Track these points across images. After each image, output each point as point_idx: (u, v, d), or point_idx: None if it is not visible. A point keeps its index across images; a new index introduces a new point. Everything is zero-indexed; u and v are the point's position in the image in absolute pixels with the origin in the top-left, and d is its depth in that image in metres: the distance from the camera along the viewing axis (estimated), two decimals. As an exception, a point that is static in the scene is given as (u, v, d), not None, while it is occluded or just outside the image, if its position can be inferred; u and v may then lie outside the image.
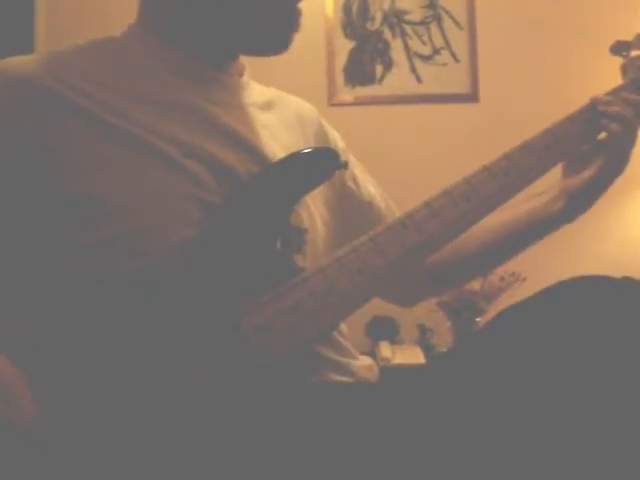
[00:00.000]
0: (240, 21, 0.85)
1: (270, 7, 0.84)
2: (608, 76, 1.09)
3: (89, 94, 0.79)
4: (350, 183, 1.01)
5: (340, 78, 2.51)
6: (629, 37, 1.04)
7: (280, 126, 0.91)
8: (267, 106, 0.93)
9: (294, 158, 0.82)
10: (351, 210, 0.99)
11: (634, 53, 1.04)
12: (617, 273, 0.73)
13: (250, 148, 0.84)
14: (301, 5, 0.87)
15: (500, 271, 2.06)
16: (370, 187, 1.04)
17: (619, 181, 1.01)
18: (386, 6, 2.53)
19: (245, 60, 0.94)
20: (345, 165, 0.82)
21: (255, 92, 0.93)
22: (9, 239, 0.78)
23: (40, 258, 0.77)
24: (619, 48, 1.04)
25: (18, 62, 0.81)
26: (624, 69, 1.04)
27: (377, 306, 0.98)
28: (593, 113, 0.96)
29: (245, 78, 0.93)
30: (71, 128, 0.77)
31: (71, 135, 0.77)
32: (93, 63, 0.83)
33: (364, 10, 2.53)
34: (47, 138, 0.76)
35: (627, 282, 0.72)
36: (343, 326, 0.89)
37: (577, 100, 0.99)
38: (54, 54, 0.82)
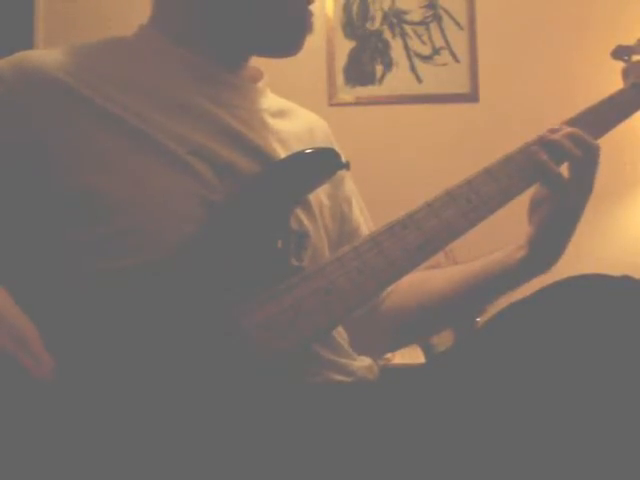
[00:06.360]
0: (253, 22, 0.86)
1: (283, 9, 0.85)
2: (609, 76, 1.09)
3: (100, 90, 0.79)
4: (345, 205, 1.01)
5: (340, 78, 2.51)
6: (628, 35, 1.04)
7: (289, 134, 0.91)
8: (279, 114, 0.94)
9: (296, 157, 0.82)
10: (343, 232, 0.99)
11: (635, 58, 1.04)
12: (617, 273, 0.73)
13: (255, 150, 0.84)
14: (312, 7, 0.88)
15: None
16: (359, 214, 1.03)
17: (619, 182, 1.00)
18: (386, 6, 2.53)
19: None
20: (347, 166, 0.82)
21: (269, 100, 0.94)
22: (9, 234, 0.78)
23: (40, 254, 0.77)
24: (620, 52, 1.04)
25: (35, 54, 0.81)
26: (625, 74, 1.03)
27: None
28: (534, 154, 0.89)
29: (261, 85, 0.93)
30: (79, 122, 0.77)
31: (78, 129, 0.77)
32: (105, 61, 0.83)
33: (364, 10, 2.53)
34: (54, 130, 0.76)
35: (627, 281, 0.72)
36: (341, 327, 0.89)
37: (577, 100, 0.99)
38: (69, 49, 0.83)
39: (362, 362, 0.88)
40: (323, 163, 0.83)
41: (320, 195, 0.90)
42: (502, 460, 0.65)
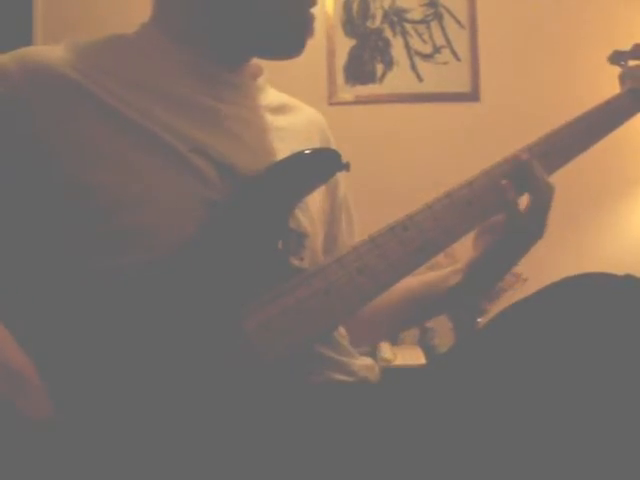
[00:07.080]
0: (254, 25, 0.85)
1: (284, 12, 0.85)
2: (609, 75, 1.08)
3: (105, 86, 0.79)
4: (336, 211, 1.00)
5: (340, 77, 2.51)
6: (628, 33, 1.04)
7: (290, 131, 0.92)
8: (279, 111, 0.93)
9: (296, 158, 0.82)
10: (328, 235, 0.98)
11: (632, 63, 1.03)
12: (619, 272, 0.73)
13: (256, 148, 0.84)
14: (314, 10, 0.87)
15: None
16: (345, 225, 1.02)
17: (619, 181, 0.99)
18: (386, 4, 2.53)
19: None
20: (347, 167, 0.82)
21: (269, 96, 0.94)
22: (11, 231, 0.77)
23: (40, 251, 0.77)
24: (617, 58, 1.04)
25: (38, 50, 0.81)
26: (622, 79, 1.03)
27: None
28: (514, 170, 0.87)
29: (261, 81, 0.93)
30: (84, 119, 0.77)
31: (82, 125, 0.77)
32: (108, 58, 0.83)
33: (364, 8, 2.52)
34: (57, 128, 0.76)
35: (629, 280, 0.71)
36: (342, 327, 0.88)
37: (578, 98, 0.99)
38: (73, 46, 0.82)
39: (363, 361, 0.89)
40: (323, 164, 0.83)
41: (315, 196, 0.90)
42: (503, 460, 0.65)
